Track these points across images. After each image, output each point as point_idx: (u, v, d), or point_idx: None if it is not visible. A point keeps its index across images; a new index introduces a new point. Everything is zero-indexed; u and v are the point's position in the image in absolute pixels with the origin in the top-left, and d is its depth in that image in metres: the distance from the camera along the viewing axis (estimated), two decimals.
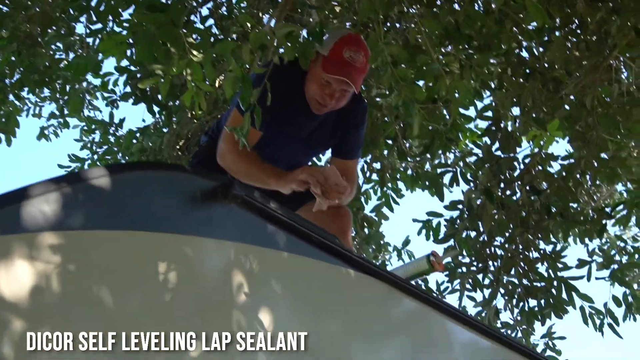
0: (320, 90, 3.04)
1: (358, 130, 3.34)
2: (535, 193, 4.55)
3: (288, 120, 3.21)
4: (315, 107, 3.12)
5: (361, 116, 3.32)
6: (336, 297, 2.38)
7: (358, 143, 3.38)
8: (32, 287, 1.57)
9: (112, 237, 1.79)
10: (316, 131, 3.29)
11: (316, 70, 3.05)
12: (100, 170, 1.86)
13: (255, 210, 2.18)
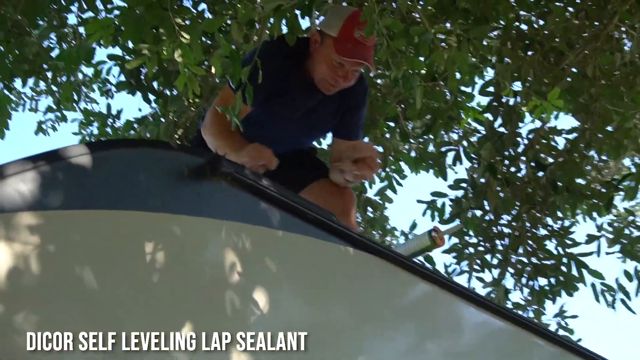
0: (332, 72, 2.96)
1: (359, 110, 3.27)
2: (540, 168, 4.46)
3: (282, 100, 3.12)
4: (325, 88, 3.04)
5: (362, 96, 3.25)
6: (335, 275, 2.29)
7: (359, 123, 3.32)
8: (9, 268, 1.51)
9: (93, 217, 1.72)
10: (315, 111, 3.21)
11: (325, 51, 2.96)
12: (80, 148, 1.78)
13: (246, 188, 2.09)
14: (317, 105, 3.18)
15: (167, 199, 1.89)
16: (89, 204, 1.73)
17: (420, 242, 2.59)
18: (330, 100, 3.17)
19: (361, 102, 3.26)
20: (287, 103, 3.14)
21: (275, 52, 3.00)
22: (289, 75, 3.06)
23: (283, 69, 3.04)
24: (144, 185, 1.87)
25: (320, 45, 2.96)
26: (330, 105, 3.19)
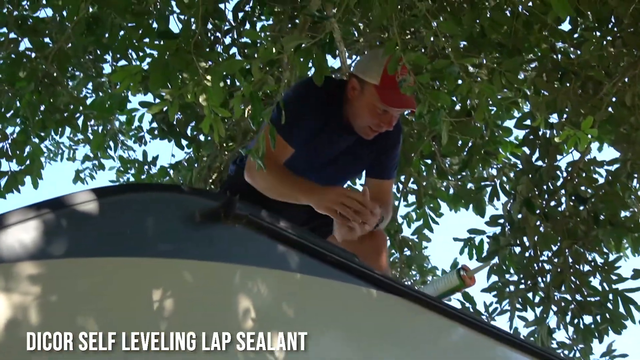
0: (376, 118, 2.95)
1: (394, 150, 3.24)
2: (580, 202, 4.31)
3: (318, 141, 3.10)
4: (367, 133, 3.03)
5: (397, 136, 3.22)
6: (357, 318, 2.20)
7: (394, 163, 3.28)
8: (7, 319, 1.46)
9: (98, 265, 1.67)
10: (350, 152, 3.18)
11: (368, 99, 2.93)
12: (87, 195, 1.75)
13: (262, 230, 2.03)
14: (352, 146, 3.15)
15: (177, 244, 1.83)
16: (95, 252, 1.68)
17: (448, 282, 2.48)
18: (365, 141, 3.13)
19: (396, 142, 3.23)
20: (323, 145, 3.12)
21: (312, 93, 2.98)
22: (325, 117, 3.04)
23: (320, 110, 3.03)
24: (153, 231, 1.82)
25: (360, 92, 2.94)
26: (365, 146, 3.15)
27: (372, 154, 3.18)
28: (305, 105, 2.88)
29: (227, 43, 5.17)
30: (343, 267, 2.19)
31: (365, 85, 2.93)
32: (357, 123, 3.00)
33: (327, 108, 3.01)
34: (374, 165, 3.22)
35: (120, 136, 6.05)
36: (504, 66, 3.79)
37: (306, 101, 2.89)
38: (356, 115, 2.99)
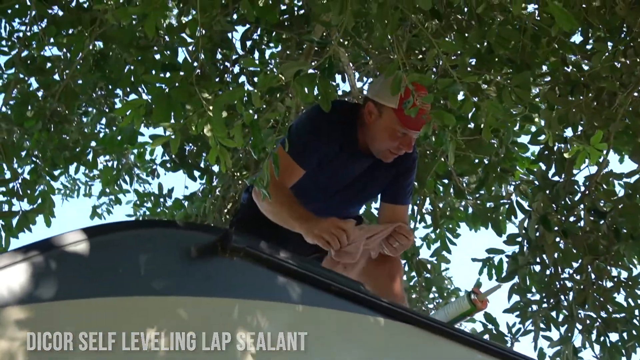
0: (395, 141, 2.93)
1: (410, 175, 3.21)
2: (599, 216, 4.21)
3: (332, 166, 3.07)
4: (387, 157, 3.01)
5: (412, 161, 3.20)
6: (365, 348, 2.13)
7: (408, 188, 3.24)
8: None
9: (90, 306, 1.63)
10: (365, 177, 3.16)
11: (386, 123, 2.92)
12: (77, 235, 1.72)
13: (262, 262, 1.99)
14: (367, 170, 3.13)
15: (172, 281, 1.79)
16: (85, 293, 1.65)
17: (459, 307, 2.42)
18: (380, 166, 3.10)
19: (411, 167, 3.21)
20: (338, 169, 3.10)
21: (324, 117, 2.94)
22: (340, 141, 3.02)
23: (333, 134, 3.01)
24: (147, 269, 1.78)
25: (378, 116, 2.92)
26: (380, 171, 3.13)
27: (388, 178, 3.15)
28: (318, 129, 2.89)
29: (236, 72, 5.17)
30: (348, 296, 2.14)
31: (383, 109, 2.92)
32: (375, 147, 2.99)
33: (340, 132, 3.00)
34: (389, 190, 3.19)
35: (135, 170, 6.06)
36: (513, 82, 3.74)
37: (318, 125, 2.89)
38: (375, 139, 2.98)
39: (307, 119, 3.03)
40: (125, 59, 3.78)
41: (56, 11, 4.35)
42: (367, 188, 3.19)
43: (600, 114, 3.88)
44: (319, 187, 3.13)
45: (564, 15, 2.73)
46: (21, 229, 3.95)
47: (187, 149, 4.90)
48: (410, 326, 2.24)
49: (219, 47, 5.09)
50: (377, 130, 2.95)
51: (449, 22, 4.37)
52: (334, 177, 3.11)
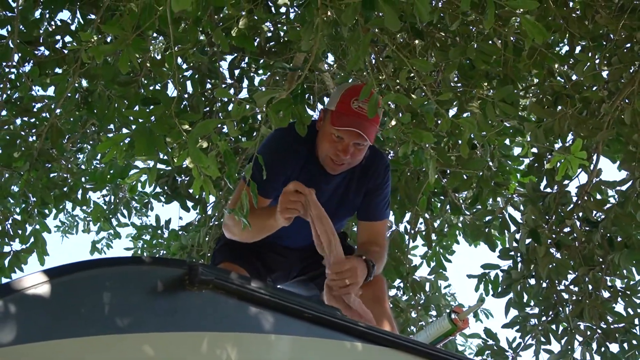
0: (332, 147, 2.86)
1: (383, 189, 3.13)
2: (591, 226, 4.17)
3: (304, 183, 3.03)
4: (330, 166, 2.93)
5: (383, 174, 3.11)
6: None
7: (384, 203, 3.16)
8: None
9: (51, 348, 1.62)
10: (337, 195, 3.09)
11: (325, 127, 2.89)
12: (38, 277, 1.70)
13: (232, 293, 1.97)
14: (338, 188, 3.07)
15: (137, 318, 1.77)
16: (47, 335, 1.64)
17: (440, 327, 2.39)
18: (352, 181, 3.06)
19: (383, 182, 3.12)
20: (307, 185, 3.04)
21: (284, 139, 2.93)
22: (302, 160, 2.98)
23: (295, 154, 2.97)
24: (110, 307, 1.76)
25: (322, 122, 2.90)
26: (352, 186, 3.08)
27: (360, 195, 3.10)
28: (277, 152, 2.83)
29: (225, 100, 5.19)
30: (323, 322, 2.12)
31: (326, 114, 2.88)
32: (320, 155, 2.92)
33: (298, 152, 2.95)
34: (363, 208, 3.13)
35: (133, 202, 6.08)
36: (497, 96, 3.73)
37: (277, 147, 2.83)
38: (318, 147, 2.93)
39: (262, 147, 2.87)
40: (108, 95, 3.79)
41: (42, 51, 4.40)
42: (340, 207, 3.12)
43: (585, 124, 3.85)
44: None
45: (535, 28, 2.73)
46: (13, 270, 3.96)
47: (179, 180, 4.92)
48: (389, 349, 2.21)
49: (208, 77, 5.12)
50: (320, 136, 2.92)
51: (432, 40, 4.38)
52: None
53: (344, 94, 2.87)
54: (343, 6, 2.67)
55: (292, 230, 3.12)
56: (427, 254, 5.71)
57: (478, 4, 3.57)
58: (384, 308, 3.09)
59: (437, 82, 4.38)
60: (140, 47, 3.09)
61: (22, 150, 3.97)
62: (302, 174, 2.98)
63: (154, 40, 5.25)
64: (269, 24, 4.72)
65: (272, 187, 2.89)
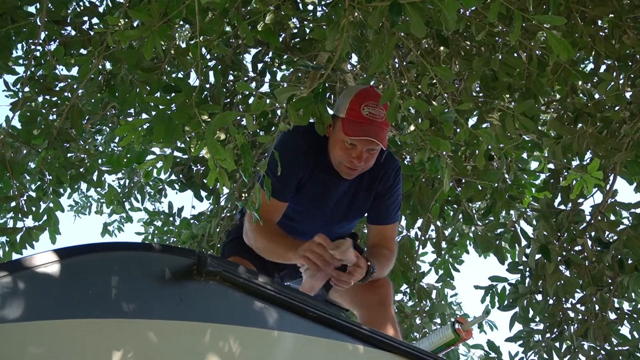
0: (346, 154, 2.87)
1: (393, 192, 3.13)
2: (602, 246, 4.15)
3: (311, 189, 3.04)
4: (345, 172, 2.94)
5: (394, 177, 3.12)
6: None
7: (394, 206, 3.16)
8: None
9: (57, 328, 1.64)
10: (347, 196, 3.11)
11: (337, 134, 2.89)
12: (48, 256, 1.72)
13: (238, 287, 1.98)
14: (348, 190, 3.08)
15: (142, 304, 1.79)
16: (54, 314, 1.65)
17: (443, 336, 2.39)
18: (362, 184, 3.07)
19: (393, 185, 3.12)
20: (317, 192, 3.05)
21: (296, 142, 2.94)
22: (313, 164, 2.99)
23: (306, 157, 2.98)
24: (117, 291, 1.78)
25: (333, 129, 2.89)
26: (362, 189, 3.09)
27: (370, 198, 3.11)
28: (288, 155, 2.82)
29: (247, 94, 5.20)
30: (326, 322, 2.13)
31: (336, 120, 2.88)
32: (333, 162, 2.94)
33: (308, 155, 2.96)
34: (373, 211, 3.14)
35: (147, 188, 6.11)
36: (518, 109, 3.72)
37: (288, 150, 2.83)
38: (331, 153, 2.93)
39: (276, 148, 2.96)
40: (131, 80, 3.82)
41: (69, 31, 4.43)
42: (351, 209, 3.15)
43: (604, 144, 3.83)
44: (304, 211, 3.12)
45: (561, 44, 2.72)
46: (24, 246, 4.00)
47: (194, 169, 4.93)
48: (390, 354, 2.22)
49: (231, 69, 5.14)
50: (332, 143, 2.92)
51: (457, 48, 4.38)
52: (315, 200, 3.07)
53: (352, 99, 2.86)
54: (370, 9, 2.68)
55: (303, 228, 3.15)
56: (436, 261, 5.71)
57: (505, 16, 3.55)
58: (388, 312, 3.10)
59: (459, 91, 4.38)
60: (165, 34, 3.11)
61: (42, 128, 4.01)
62: (313, 177, 3.01)
63: (179, 28, 5.27)
64: (296, 20, 4.72)
65: (287, 190, 2.94)
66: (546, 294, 4.30)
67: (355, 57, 5.31)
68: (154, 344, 1.75)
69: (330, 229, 3.18)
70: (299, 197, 3.05)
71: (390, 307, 3.14)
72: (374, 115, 2.81)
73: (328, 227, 3.17)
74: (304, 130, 2.89)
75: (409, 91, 3.02)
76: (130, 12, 3.09)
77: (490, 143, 2.81)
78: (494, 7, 2.53)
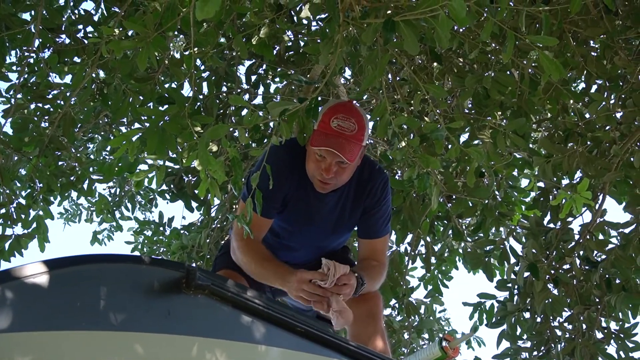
0: (317, 166, 2.84)
1: (381, 206, 3.09)
2: (591, 265, 4.17)
3: (297, 204, 3.03)
4: (318, 186, 2.92)
5: (381, 190, 3.07)
6: None
7: (383, 219, 3.13)
8: None
9: (44, 339, 1.63)
10: (335, 212, 3.09)
11: (310, 147, 2.88)
12: (37, 266, 1.72)
13: (226, 300, 1.98)
14: (336, 205, 3.06)
15: (130, 317, 1.79)
16: (41, 326, 1.65)
17: (430, 353, 2.38)
18: (348, 198, 3.05)
19: (381, 198, 3.07)
20: (303, 207, 3.04)
21: (280, 158, 2.92)
22: (297, 179, 2.97)
23: (291, 173, 2.95)
24: (105, 303, 1.77)
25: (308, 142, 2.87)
26: (349, 203, 3.07)
27: (358, 212, 3.08)
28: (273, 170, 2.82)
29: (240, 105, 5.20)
30: (313, 338, 2.13)
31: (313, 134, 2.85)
32: (309, 175, 2.91)
33: (297, 167, 2.94)
34: (363, 225, 3.12)
35: (138, 197, 6.11)
36: (509, 127, 3.74)
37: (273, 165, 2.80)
38: (307, 167, 2.91)
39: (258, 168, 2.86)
40: (124, 90, 3.82)
41: (63, 39, 4.43)
42: (339, 224, 3.12)
43: (594, 163, 3.86)
44: (292, 227, 3.10)
45: (553, 64, 2.75)
46: (12, 253, 3.98)
47: (185, 179, 4.93)
48: None
49: (224, 81, 5.15)
50: (307, 156, 2.91)
51: (450, 64, 4.40)
52: (302, 215, 3.05)
53: (325, 113, 2.84)
54: (364, 25, 2.70)
55: (293, 244, 3.14)
56: (425, 277, 5.72)
57: (498, 35, 3.58)
58: (377, 326, 3.09)
59: (451, 107, 4.40)
60: (160, 45, 3.12)
61: (34, 135, 4.01)
62: (298, 191, 2.99)
63: (174, 38, 5.28)
64: (290, 33, 4.74)
65: (272, 207, 2.92)
66: (534, 312, 4.31)
67: (348, 72, 5.33)
68: (140, 357, 1.75)
69: (319, 244, 3.18)
70: (286, 214, 3.04)
71: (379, 319, 3.12)
72: (342, 128, 2.78)
73: (317, 242, 3.17)
74: (289, 145, 2.89)
75: (401, 107, 3.04)
76: (125, 23, 3.10)
77: (480, 161, 2.82)
78: (487, 26, 2.55)
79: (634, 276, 4.14)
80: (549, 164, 3.82)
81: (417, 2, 2.29)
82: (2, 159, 4.07)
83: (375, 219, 3.10)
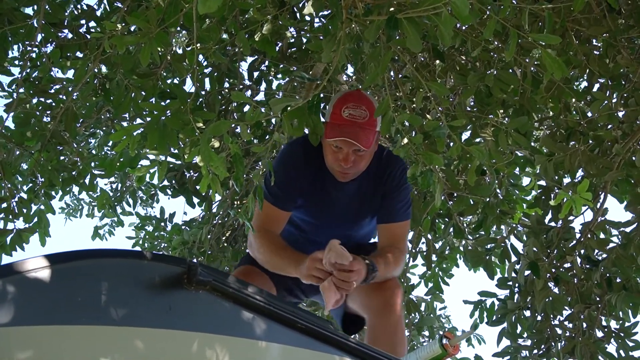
0: (335, 157, 2.90)
1: (400, 191, 3.11)
2: (591, 264, 4.17)
3: (317, 196, 3.06)
4: (338, 176, 2.98)
5: (399, 177, 3.09)
6: None
7: (402, 204, 3.13)
8: None
9: (46, 333, 1.64)
10: (356, 199, 3.12)
11: (325, 139, 2.93)
12: (39, 261, 1.72)
13: (228, 297, 1.99)
14: (356, 192, 3.09)
15: (131, 311, 1.79)
16: (42, 320, 1.65)
17: (431, 351, 2.39)
18: (369, 185, 3.07)
19: (399, 184, 3.10)
20: (323, 199, 3.08)
21: (295, 154, 2.97)
22: (314, 172, 3.02)
23: (307, 167, 3.00)
24: (107, 298, 1.78)
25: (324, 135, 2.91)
26: (366, 194, 3.10)
27: (377, 199, 3.10)
28: (287, 166, 2.88)
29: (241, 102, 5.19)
30: (314, 334, 2.13)
31: (325, 126, 2.89)
32: (329, 167, 2.97)
33: (308, 164, 2.99)
34: (381, 211, 3.12)
35: (139, 193, 6.11)
36: (511, 125, 3.74)
37: (285, 165, 2.88)
38: (325, 160, 2.96)
39: (275, 163, 3.00)
40: (126, 85, 3.82)
41: (66, 34, 4.43)
42: (361, 211, 3.14)
43: (595, 162, 3.86)
44: (312, 219, 3.14)
45: (555, 63, 2.74)
46: (14, 248, 3.99)
47: (187, 175, 4.94)
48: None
49: (227, 77, 5.15)
50: (324, 149, 2.95)
51: (453, 62, 4.40)
52: (324, 207, 3.09)
53: (335, 104, 2.90)
54: (367, 22, 2.69)
55: (318, 238, 3.12)
56: (425, 274, 5.71)
57: (501, 33, 3.58)
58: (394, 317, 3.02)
59: (453, 105, 4.40)
60: (162, 41, 3.12)
61: (36, 130, 4.01)
62: (315, 185, 3.04)
63: (177, 34, 5.28)
64: (293, 30, 4.74)
65: (289, 200, 2.98)
66: (534, 311, 4.32)
67: (351, 68, 5.33)
68: (141, 352, 1.75)
69: (344, 234, 3.12)
70: (307, 208, 3.07)
71: (396, 310, 3.04)
72: (354, 116, 2.83)
73: (342, 232, 3.14)
74: (303, 139, 2.93)
75: (404, 105, 3.04)
76: (128, 19, 3.10)
77: (482, 159, 2.82)
78: (490, 25, 2.55)
79: (634, 275, 4.15)
80: (550, 162, 3.82)
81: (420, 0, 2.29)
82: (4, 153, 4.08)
83: (394, 203, 3.10)
